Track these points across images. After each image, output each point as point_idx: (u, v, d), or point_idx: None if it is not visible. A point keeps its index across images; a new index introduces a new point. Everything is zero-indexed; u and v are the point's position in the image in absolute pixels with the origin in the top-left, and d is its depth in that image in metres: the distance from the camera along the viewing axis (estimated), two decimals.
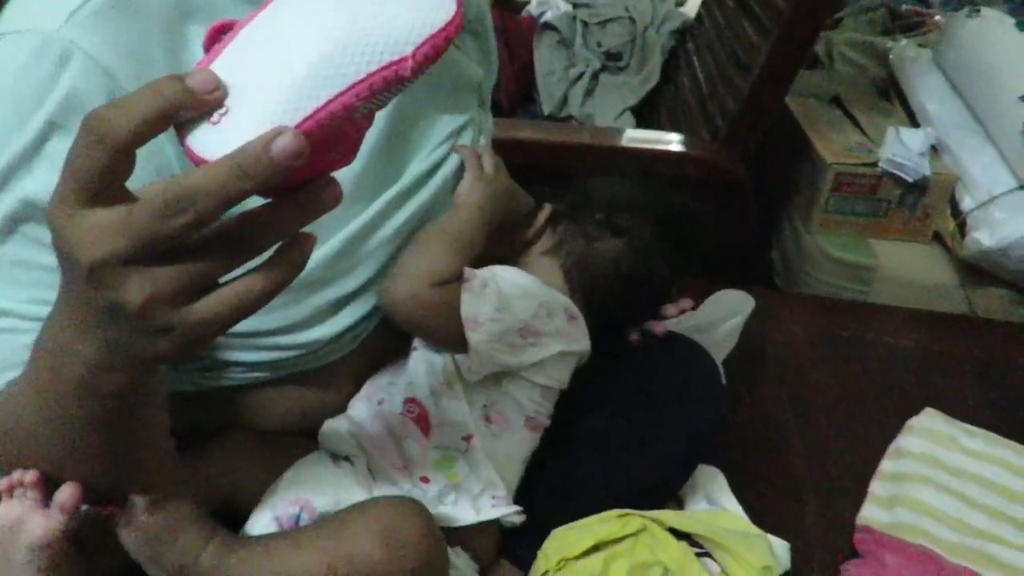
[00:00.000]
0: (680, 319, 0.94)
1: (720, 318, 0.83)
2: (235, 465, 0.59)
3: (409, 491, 0.60)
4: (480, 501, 0.62)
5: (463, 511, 0.61)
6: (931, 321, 1.24)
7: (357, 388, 0.64)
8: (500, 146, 0.71)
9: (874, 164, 1.39)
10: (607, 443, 0.69)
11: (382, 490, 0.60)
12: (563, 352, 0.64)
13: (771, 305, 1.27)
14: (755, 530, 0.69)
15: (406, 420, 0.62)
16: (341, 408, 0.64)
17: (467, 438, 0.62)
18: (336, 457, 0.62)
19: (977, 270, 1.36)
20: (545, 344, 0.63)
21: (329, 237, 0.54)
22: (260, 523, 0.56)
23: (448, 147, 0.62)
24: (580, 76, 1.84)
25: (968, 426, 0.96)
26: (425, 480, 0.61)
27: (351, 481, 0.60)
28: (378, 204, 0.56)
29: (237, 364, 0.55)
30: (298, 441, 0.62)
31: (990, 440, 0.94)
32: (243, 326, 0.39)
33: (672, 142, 1.27)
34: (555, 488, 0.68)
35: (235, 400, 0.59)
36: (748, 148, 1.28)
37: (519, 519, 0.63)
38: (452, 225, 0.61)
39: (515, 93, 1.86)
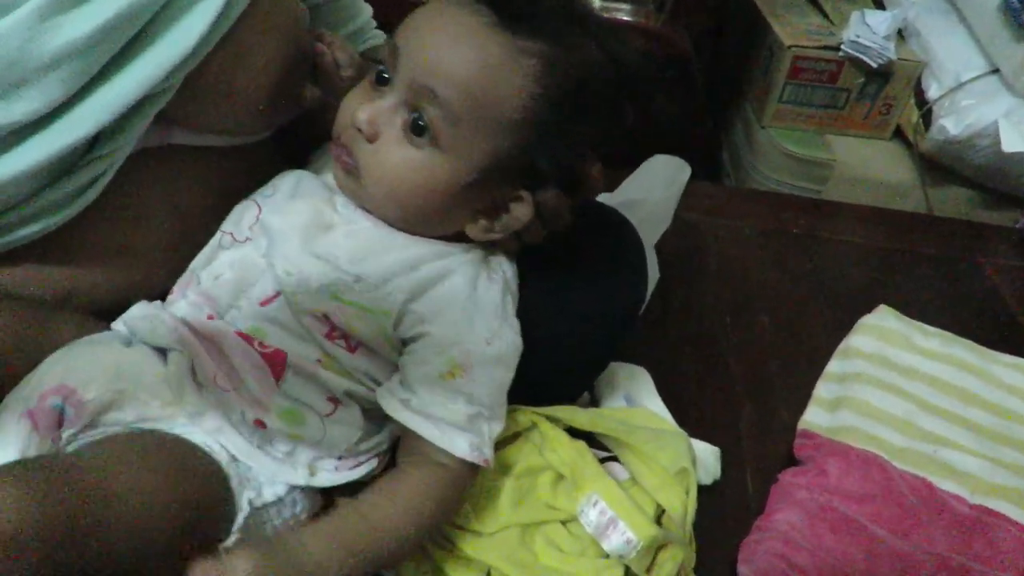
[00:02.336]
0: (611, 194, 0.81)
1: (653, 188, 0.70)
2: None
3: (237, 423, 0.46)
4: (321, 463, 0.49)
5: (292, 471, 0.48)
6: (887, 218, 1.14)
7: (163, 275, 0.51)
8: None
9: (835, 48, 1.25)
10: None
11: (199, 404, 0.46)
12: None
13: (717, 199, 1.16)
14: (673, 428, 0.58)
15: (250, 350, 0.47)
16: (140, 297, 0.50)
17: (334, 400, 0.49)
18: (133, 342, 0.48)
19: (937, 168, 1.26)
20: None
21: None
22: (4, 424, 0.41)
23: None
24: None
25: (924, 325, 0.86)
26: (260, 424, 0.47)
27: (153, 373, 0.45)
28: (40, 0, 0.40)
29: None
30: (80, 319, 0.48)
31: (946, 339, 0.84)
32: None
33: (619, 11, 1.12)
34: None
35: None
36: (697, 24, 1.14)
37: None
38: None
39: None
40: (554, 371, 0.57)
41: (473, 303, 0.50)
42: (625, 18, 1.13)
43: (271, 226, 0.50)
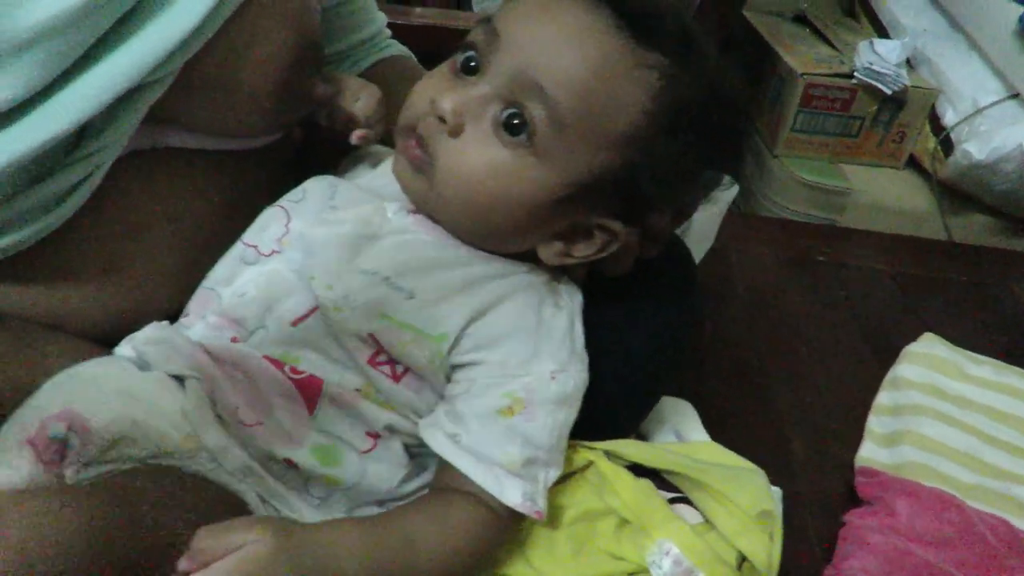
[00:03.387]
0: None
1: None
2: None
3: (264, 461, 0.41)
4: (360, 511, 0.44)
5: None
6: (912, 246, 1.10)
7: (162, 293, 0.45)
8: (441, 35, 0.50)
9: (848, 75, 1.24)
10: None
11: (222, 440, 0.39)
12: None
13: (737, 227, 1.12)
14: (747, 464, 0.52)
15: (280, 377, 0.41)
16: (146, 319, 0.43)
17: (373, 435, 0.43)
18: (147, 366, 0.41)
19: (955, 195, 1.23)
20: None
21: None
22: (3, 454, 0.34)
23: None
24: None
25: (972, 353, 0.81)
26: (291, 464, 0.41)
27: (170, 402, 0.39)
28: None
29: None
30: (76, 344, 0.41)
31: (998, 367, 0.79)
32: None
33: None
34: None
35: None
36: None
37: None
38: None
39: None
40: (607, 405, 0.50)
41: (538, 331, 0.44)
42: None
43: (308, 237, 0.44)
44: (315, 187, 0.47)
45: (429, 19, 1.07)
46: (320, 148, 0.56)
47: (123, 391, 0.38)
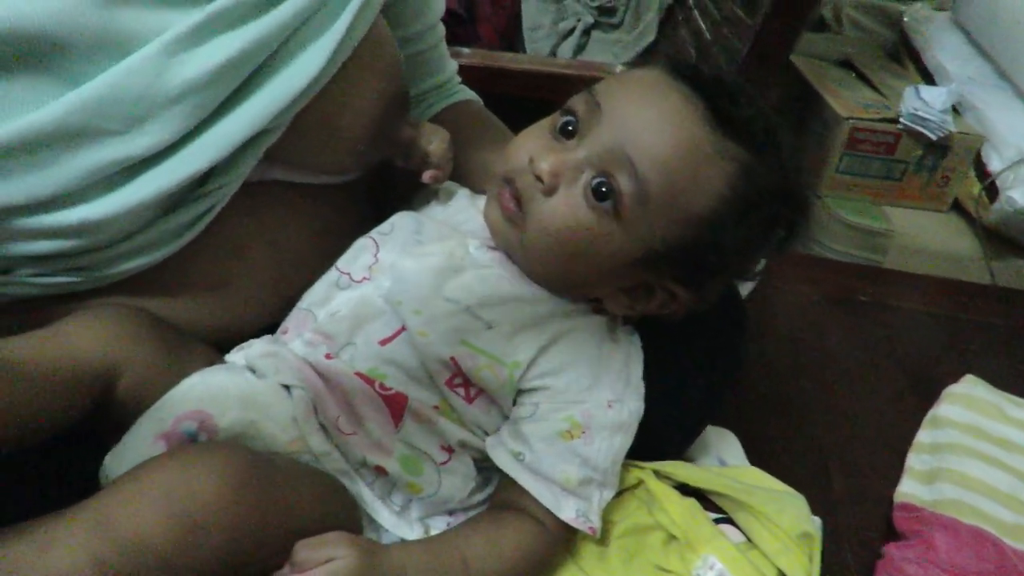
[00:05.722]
0: None
1: None
2: (110, 336, 0.42)
3: (359, 468, 0.45)
4: (433, 520, 0.48)
5: (408, 528, 0.47)
6: (955, 288, 1.11)
7: (260, 308, 0.50)
8: (483, 75, 0.55)
9: (893, 120, 1.26)
10: None
11: (324, 445, 0.44)
12: None
13: (777, 266, 1.14)
14: (788, 489, 0.55)
15: (372, 392, 0.46)
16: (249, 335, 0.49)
17: (448, 449, 0.48)
18: (260, 375, 0.46)
19: (999, 240, 1.24)
20: None
21: (82, 77, 0.39)
22: (138, 445, 0.40)
23: None
24: (571, 31, 1.71)
25: (1013, 396, 0.83)
26: (382, 471, 0.46)
27: (281, 408, 0.44)
28: (171, 33, 0.40)
29: (22, 260, 0.43)
30: (207, 351, 0.47)
31: None
32: None
33: None
34: None
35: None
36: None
37: None
38: None
39: (497, 47, 1.72)
40: (658, 432, 0.54)
41: (598, 364, 0.48)
42: None
43: (397, 267, 0.49)
44: (402, 222, 0.53)
45: (476, 60, 1.14)
46: (395, 184, 0.62)
47: (244, 396, 0.43)
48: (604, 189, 0.45)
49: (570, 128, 0.47)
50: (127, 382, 0.42)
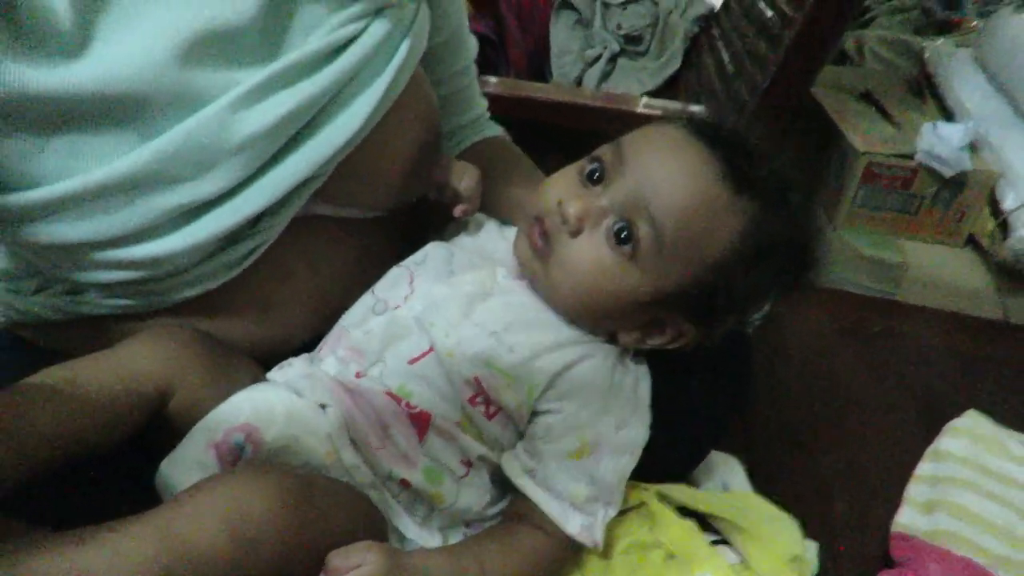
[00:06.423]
0: None
1: None
2: (166, 356, 0.47)
3: (385, 481, 0.50)
4: (451, 532, 0.52)
5: (430, 536, 0.51)
6: (967, 324, 1.14)
7: (301, 328, 0.55)
8: (508, 104, 0.60)
9: (909, 156, 1.29)
10: None
11: (355, 459, 0.49)
12: None
13: (791, 297, 1.17)
14: (783, 514, 0.58)
15: (400, 409, 0.50)
16: (289, 351, 0.54)
17: (468, 463, 0.52)
18: (299, 394, 0.51)
19: (1013, 276, 1.25)
20: None
21: (158, 129, 0.44)
22: (191, 454, 0.45)
23: (358, 26, 0.49)
24: (597, 58, 1.75)
25: (1015, 432, 0.85)
26: (406, 484, 0.50)
27: (318, 424, 0.49)
28: (236, 91, 0.45)
29: (93, 286, 0.48)
30: (252, 367, 0.52)
31: None
32: (77, 234, 0.44)
33: (696, 111, 1.17)
34: None
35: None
36: (777, 124, 1.19)
37: None
38: None
39: (525, 71, 1.77)
40: (662, 456, 0.58)
41: (609, 389, 0.52)
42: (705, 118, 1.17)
43: (431, 294, 0.53)
44: (435, 252, 0.58)
45: (502, 90, 1.20)
46: (428, 215, 0.67)
47: (288, 413, 0.47)
48: (624, 234, 0.49)
49: (596, 175, 0.52)
50: (180, 398, 0.47)
